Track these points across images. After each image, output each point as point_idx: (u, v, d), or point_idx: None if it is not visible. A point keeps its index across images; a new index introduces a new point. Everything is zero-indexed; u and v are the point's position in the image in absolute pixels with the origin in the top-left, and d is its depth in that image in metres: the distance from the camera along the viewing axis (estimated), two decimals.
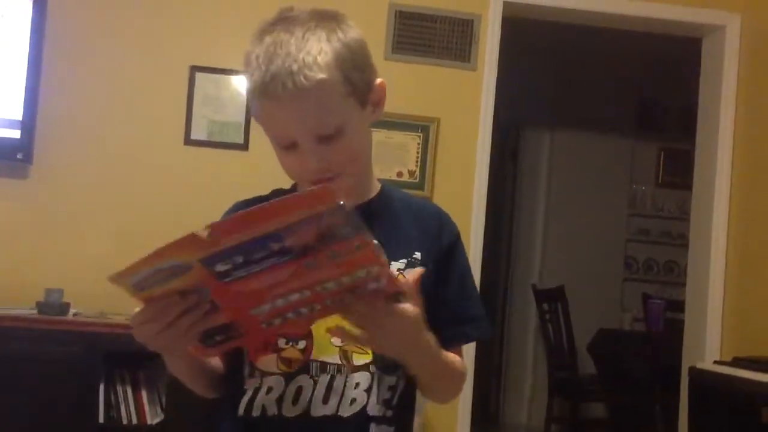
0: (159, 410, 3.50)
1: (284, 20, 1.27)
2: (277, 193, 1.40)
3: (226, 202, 4.55)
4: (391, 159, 3.98)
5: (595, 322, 5.96)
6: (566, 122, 6.53)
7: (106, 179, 3.86)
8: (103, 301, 3.61)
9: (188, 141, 3.91)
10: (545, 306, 5.82)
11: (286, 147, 1.25)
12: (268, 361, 1.25)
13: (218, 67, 3.94)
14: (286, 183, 1.43)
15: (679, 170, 6.61)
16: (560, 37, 5.68)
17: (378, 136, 4.03)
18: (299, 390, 1.24)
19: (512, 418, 6.53)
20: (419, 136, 4.00)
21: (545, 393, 5.91)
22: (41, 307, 3.49)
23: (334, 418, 1.23)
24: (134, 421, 3.47)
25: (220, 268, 0.99)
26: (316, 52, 1.20)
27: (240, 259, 0.98)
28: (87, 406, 3.39)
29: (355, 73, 1.25)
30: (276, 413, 1.24)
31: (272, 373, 1.25)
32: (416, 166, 4.00)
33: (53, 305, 3.49)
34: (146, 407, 3.49)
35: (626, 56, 6.15)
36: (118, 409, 3.47)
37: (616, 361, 5.90)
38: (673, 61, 5.61)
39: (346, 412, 1.23)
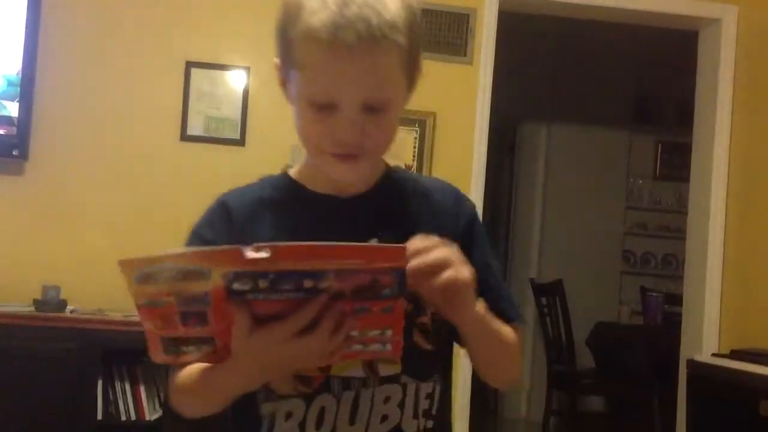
0: (157, 406, 3.50)
1: None
2: (266, 181, 1.28)
3: None
4: (387, 153, 3.97)
5: (593, 316, 5.96)
6: (563, 116, 6.52)
7: (102, 175, 3.85)
8: (100, 297, 3.62)
9: (184, 137, 3.91)
10: (543, 300, 5.82)
11: (321, 107, 1.09)
12: (283, 382, 1.12)
13: (214, 62, 3.93)
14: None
15: (676, 163, 6.62)
16: (556, 31, 5.68)
17: None
18: (322, 412, 1.12)
19: (511, 412, 6.54)
20: (416, 131, 4.00)
21: (544, 386, 5.92)
22: (38, 304, 3.48)
23: None
24: (133, 417, 3.47)
25: (238, 287, 0.92)
26: (395, 10, 1.07)
27: (265, 284, 0.92)
28: (85, 403, 3.39)
29: (416, 50, 1.14)
30: None
31: (290, 396, 1.12)
32: (413, 160, 3.99)
33: (50, 302, 3.49)
34: (144, 403, 3.49)
35: (623, 49, 6.15)
36: (117, 406, 3.47)
37: (615, 355, 5.90)
38: (670, 54, 5.61)
39: (377, 431, 1.12)
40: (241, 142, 3.93)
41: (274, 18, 1.14)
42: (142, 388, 3.50)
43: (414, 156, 4.00)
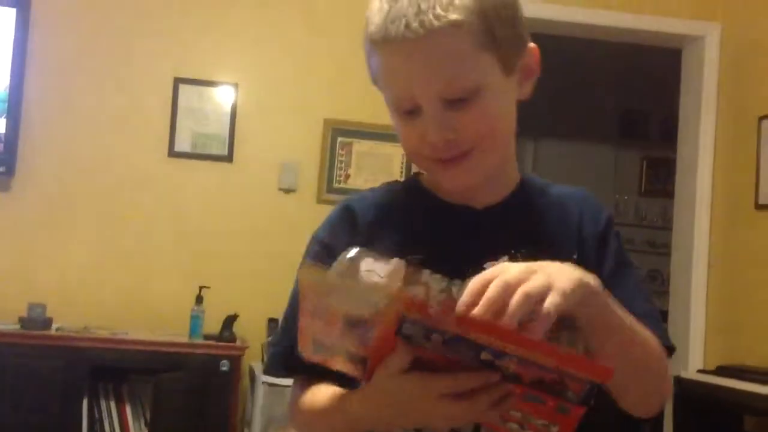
0: (143, 425, 3.48)
1: None
2: (393, 186, 1.18)
3: (211, 215, 4.57)
4: (375, 169, 3.99)
5: None
6: (550, 132, 6.55)
7: (89, 192, 3.84)
8: (86, 315, 3.61)
9: (172, 153, 3.91)
10: None
11: (407, 112, 1.02)
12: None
13: (202, 78, 3.94)
14: (270, 196, 1.40)
15: (661, 179, 6.65)
16: (543, 48, 5.70)
17: (362, 147, 4.04)
18: None
19: None
20: None
21: None
22: (24, 322, 3.47)
23: None
24: None
25: (408, 331, 0.85)
26: None
27: (438, 339, 0.83)
28: (71, 421, 3.37)
29: (499, 25, 1.01)
30: None
31: None
32: (401, 176, 4.01)
33: (36, 320, 3.47)
34: (130, 422, 3.47)
35: (608, 66, 6.19)
36: (102, 424, 3.45)
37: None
38: (654, 71, 5.65)
39: None
40: (228, 158, 3.93)
41: (261, 35, 1.14)
42: (127, 407, 3.48)
43: (401, 172, 4.01)
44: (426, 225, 1.11)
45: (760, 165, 3.90)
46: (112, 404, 3.48)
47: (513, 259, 1.02)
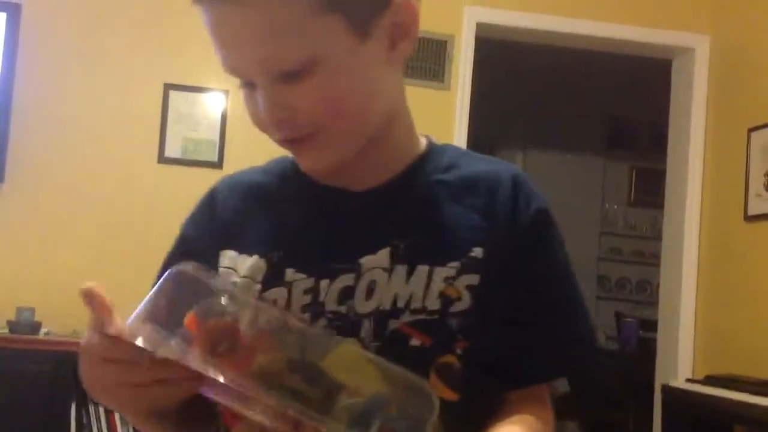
0: (131, 430, 3.47)
1: None
2: (272, 164, 1.02)
3: None
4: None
5: None
6: (538, 142, 6.58)
7: (79, 197, 3.84)
8: (74, 319, 3.59)
9: (162, 159, 3.90)
10: None
11: (243, 85, 0.88)
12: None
13: (192, 84, 3.94)
14: None
15: (650, 189, 6.68)
16: (532, 58, 5.73)
17: None
18: None
19: None
20: None
21: None
22: (12, 326, 3.45)
23: None
24: None
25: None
26: None
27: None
28: (58, 425, 3.35)
29: None
30: None
31: None
32: None
33: (24, 324, 3.46)
34: (118, 427, 3.46)
35: (597, 76, 6.22)
36: (91, 428, 3.44)
37: (590, 379, 5.92)
38: (644, 81, 5.68)
39: None
40: (218, 164, 3.93)
41: None
42: (116, 412, 3.47)
43: None
44: (295, 212, 0.95)
45: (750, 176, 3.92)
46: (101, 409, 3.46)
47: (394, 251, 0.88)
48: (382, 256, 0.89)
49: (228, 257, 0.95)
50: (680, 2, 4.31)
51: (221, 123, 3.94)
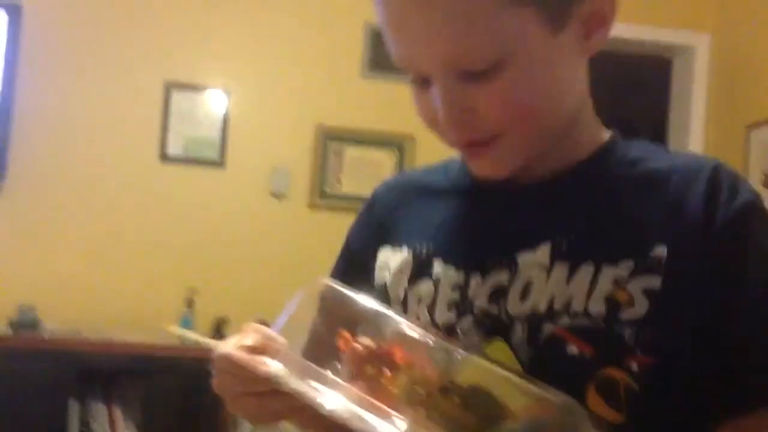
0: (133, 428, 3.48)
1: None
2: (445, 163, 0.96)
3: (203, 219, 4.56)
4: (365, 176, 4.00)
5: None
6: None
7: (81, 196, 3.84)
8: (76, 318, 3.61)
9: (164, 158, 3.91)
10: None
11: (417, 82, 0.81)
12: None
13: (194, 83, 3.95)
14: (262, 201, 1.35)
15: None
16: None
17: (352, 152, 4.05)
18: None
19: None
20: (395, 154, 4.03)
21: None
22: (14, 324, 3.46)
23: None
24: None
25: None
26: None
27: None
28: (59, 424, 3.36)
29: None
30: None
31: None
32: None
33: (26, 322, 3.47)
34: (120, 424, 3.47)
35: (595, 75, 6.21)
36: (91, 426, 3.45)
37: None
38: (644, 80, 5.68)
39: None
40: (221, 163, 3.94)
41: (254, 41, 1.10)
42: (117, 410, 3.48)
43: None
44: (450, 203, 0.89)
45: (749, 173, 3.93)
46: (102, 407, 3.48)
47: (556, 247, 0.79)
48: (542, 252, 0.79)
49: (383, 254, 0.90)
50: (681, 1, 4.32)
51: (223, 122, 3.95)
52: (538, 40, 0.75)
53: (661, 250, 0.75)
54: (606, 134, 0.89)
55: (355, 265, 0.89)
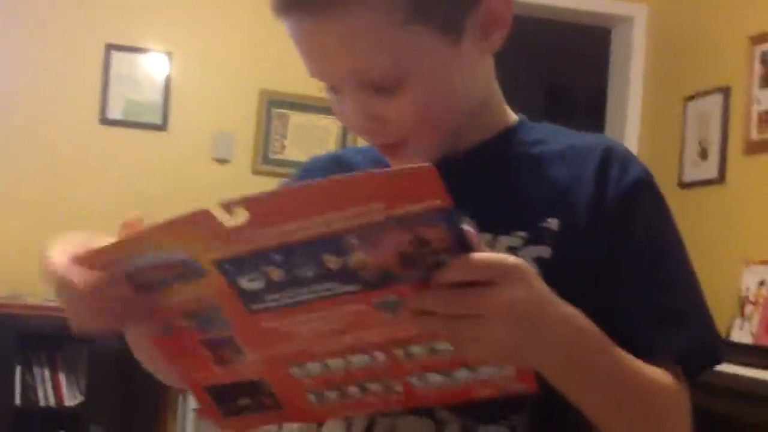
0: (77, 392, 3.48)
1: None
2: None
3: (144, 182, 4.52)
4: (311, 142, 4.01)
5: None
6: None
7: (19, 158, 3.79)
8: (17, 281, 3.57)
9: (104, 121, 3.87)
10: None
11: (332, 90, 0.84)
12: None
13: (135, 45, 3.90)
14: (205, 166, 1.34)
15: None
16: None
17: (298, 119, 4.05)
18: None
19: None
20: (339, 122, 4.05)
21: None
22: None
23: None
24: (52, 402, 3.45)
25: (247, 285, 0.64)
26: None
27: (278, 275, 0.62)
28: (3, 388, 3.35)
29: None
30: None
31: None
32: (337, 149, 4.04)
33: None
34: (64, 389, 3.47)
35: (535, 43, 6.27)
36: (35, 391, 3.44)
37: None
38: (582, 49, 5.77)
39: None
40: (162, 126, 3.91)
41: (197, 2, 1.08)
42: (61, 374, 3.48)
43: (338, 145, 4.05)
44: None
45: (685, 144, 4.04)
46: (46, 371, 3.47)
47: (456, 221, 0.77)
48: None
49: None
50: None
51: (165, 85, 3.91)
52: (437, 55, 0.78)
53: (552, 223, 0.80)
54: (513, 118, 0.93)
55: None
